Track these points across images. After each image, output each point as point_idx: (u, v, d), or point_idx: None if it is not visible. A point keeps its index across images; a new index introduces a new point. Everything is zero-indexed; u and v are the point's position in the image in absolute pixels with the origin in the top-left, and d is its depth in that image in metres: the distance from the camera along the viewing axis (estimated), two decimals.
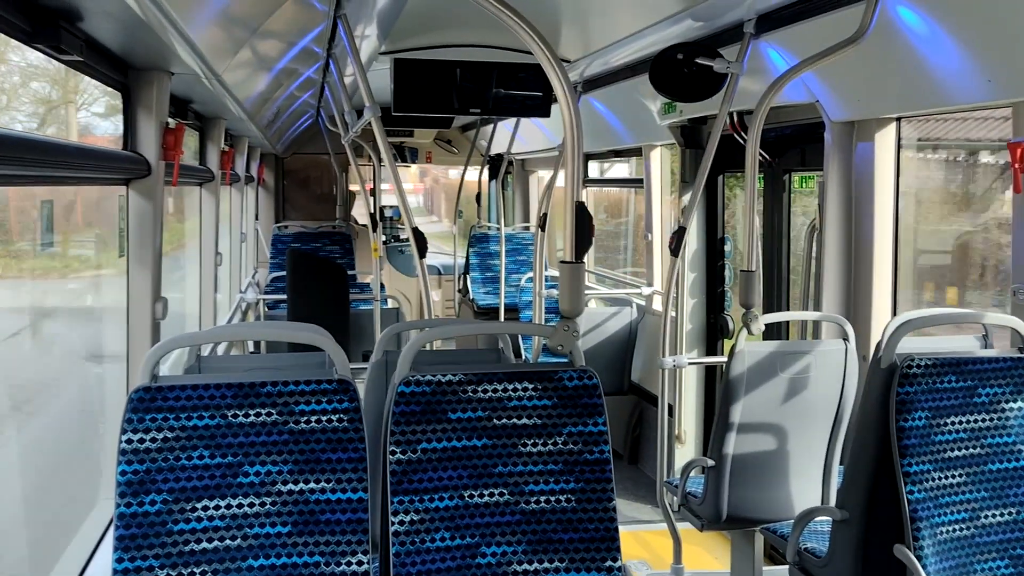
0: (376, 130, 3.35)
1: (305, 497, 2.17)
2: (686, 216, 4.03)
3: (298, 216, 9.85)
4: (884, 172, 3.86)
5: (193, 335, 2.89)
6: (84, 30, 2.40)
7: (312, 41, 4.01)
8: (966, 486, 2.59)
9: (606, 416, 2.36)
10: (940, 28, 2.97)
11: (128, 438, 2.08)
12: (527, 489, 2.31)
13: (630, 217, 9.49)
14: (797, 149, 4.80)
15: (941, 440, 2.59)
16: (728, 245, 5.71)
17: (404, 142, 10.30)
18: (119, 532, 2.06)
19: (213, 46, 2.85)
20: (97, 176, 2.96)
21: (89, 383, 4.03)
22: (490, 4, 2.21)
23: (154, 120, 3.03)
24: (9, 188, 2.90)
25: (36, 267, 3.47)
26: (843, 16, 3.19)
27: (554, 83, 2.25)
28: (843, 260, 4.03)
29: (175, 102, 3.95)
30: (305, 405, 2.19)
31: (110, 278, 3.79)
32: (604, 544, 2.33)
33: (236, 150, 6.63)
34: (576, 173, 2.28)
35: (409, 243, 3.47)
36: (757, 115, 3.61)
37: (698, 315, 5.72)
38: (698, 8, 3.56)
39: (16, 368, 3.26)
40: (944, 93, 3.14)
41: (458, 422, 2.29)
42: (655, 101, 5.35)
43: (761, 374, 3.48)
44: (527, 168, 10.40)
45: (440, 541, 2.25)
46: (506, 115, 6.02)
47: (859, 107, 3.71)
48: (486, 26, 4.46)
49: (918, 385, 2.57)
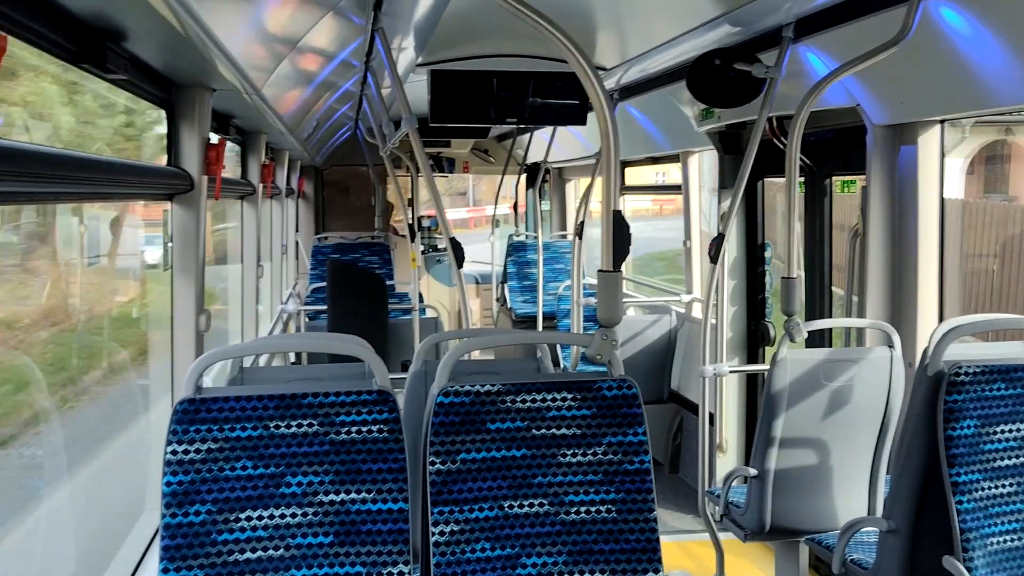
0: (413, 141, 3.38)
1: (346, 507, 2.19)
2: (725, 223, 4.00)
3: (338, 227, 9.94)
4: (928, 176, 3.79)
5: (236, 347, 2.92)
6: (129, 49, 2.45)
7: (350, 54, 4.05)
8: (1017, 496, 2.53)
9: (646, 426, 2.35)
10: (984, 28, 2.91)
11: (173, 449, 2.12)
12: (567, 500, 2.30)
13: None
14: (838, 153, 4.74)
15: (990, 449, 2.53)
16: (768, 251, 5.65)
17: (441, 152, 10.36)
18: (165, 542, 2.09)
19: (253, 62, 2.90)
20: (143, 192, 3.02)
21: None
22: (525, 14, 2.22)
23: (197, 136, 3.09)
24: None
25: None
26: (884, 18, 3.15)
27: (589, 91, 2.25)
28: (887, 266, 3.96)
29: (216, 117, 4.02)
30: (346, 416, 2.20)
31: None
32: (645, 555, 2.31)
33: (276, 163, 6.72)
34: (613, 181, 2.27)
35: (447, 252, 3.48)
36: (797, 120, 3.57)
37: (739, 322, 5.65)
38: (735, 13, 3.53)
39: None
40: (989, 94, 3.08)
41: (497, 432, 2.29)
42: (692, 107, 5.32)
43: (804, 382, 3.42)
44: (564, 176, 10.39)
45: (480, 552, 2.25)
46: (542, 124, 6.02)
47: (902, 110, 3.65)
48: (521, 36, 4.48)
49: (966, 393, 2.51)
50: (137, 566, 2.98)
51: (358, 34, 3.66)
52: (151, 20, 2.12)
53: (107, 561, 2.98)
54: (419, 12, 3.59)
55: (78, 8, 2.05)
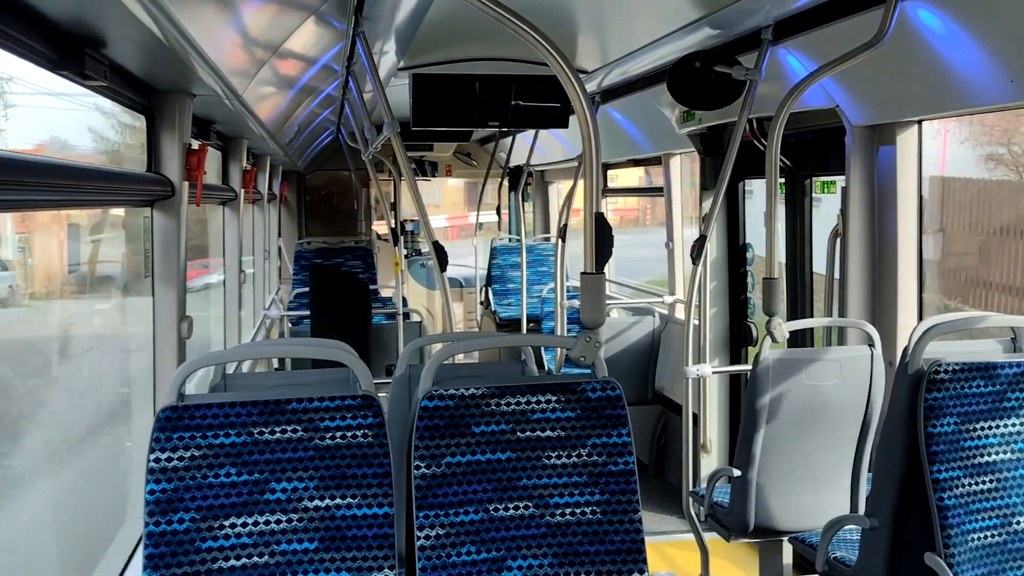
0: (395, 145, 3.38)
1: (331, 513, 2.18)
2: (707, 224, 4.02)
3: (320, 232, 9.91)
4: (907, 176, 3.83)
5: (218, 354, 2.91)
6: (108, 56, 2.44)
7: (331, 59, 4.05)
8: (997, 492, 2.56)
9: (630, 427, 2.35)
10: (961, 29, 2.95)
11: (156, 457, 2.10)
12: (552, 502, 2.31)
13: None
14: (818, 154, 4.78)
15: (970, 446, 2.55)
16: (750, 252, 5.68)
17: (424, 156, 10.35)
18: (148, 551, 2.08)
19: (234, 67, 2.89)
20: (122, 199, 3.00)
21: None
22: (506, 18, 2.22)
23: (177, 142, 3.07)
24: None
25: None
26: (861, 20, 3.18)
27: (571, 94, 2.26)
28: (867, 265, 3.99)
29: (197, 123, 4.01)
30: (330, 421, 2.20)
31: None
32: (630, 556, 2.31)
33: (258, 168, 6.69)
34: (595, 184, 2.28)
35: (430, 257, 3.49)
36: (777, 121, 3.59)
37: (721, 323, 5.69)
38: (715, 16, 3.56)
39: None
40: (967, 95, 3.12)
41: (482, 436, 2.29)
42: (673, 110, 5.35)
43: (786, 382, 3.45)
44: (547, 179, 10.41)
45: (466, 555, 2.25)
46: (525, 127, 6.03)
47: (880, 111, 3.69)
48: (503, 40, 4.49)
49: (946, 391, 2.54)
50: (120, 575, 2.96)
51: (339, 38, 3.66)
52: (130, 26, 2.11)
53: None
54: (400, 16, 3.59)
55: (56, 14, 2.04)
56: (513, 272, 9.22)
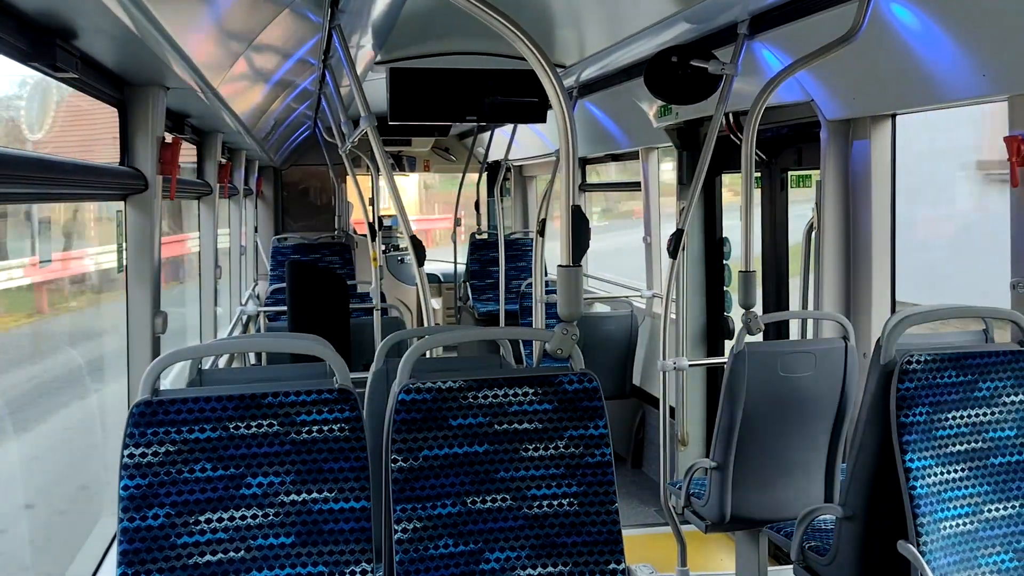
0: (373, 140, 3.37)
1: (308, 507, 2.17)
2: (684, 217, 4.04)
3: (297, 227, 9.85)
4: (881, 169, 3.87)
5: (194, 348, 2.89)
6: (80, 48, 2.41)
7: (307, 52, 4.02)
8: (968, 480, 2.59)
9: (607, 419, 2.37)
10: (934, 24, 2.98)
11: (130, 452, 2.09)
12: (529, 494, 2.32)
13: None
14: (794, 148, 4.81)
15: (942, 435, 2.59)
16: (727, 246, 5.72)
17: (402, 151, 10.31)
18: (123, 547, 2.06)
19: (208, 60, 2.87)
20: (95, 192, 2.97)
21: None
22: (483, 11, 2.22)
23: (150, 135, 3.04)
24: None
25: None
26: (836, 15, 3.21)
27: (548, 89, 2.26)
28: (842, 258, 4.03)
29: (171, 116, 3.97)
30: (306, 415, 2.19)
31: None
32: (608, 547, 2.33)
33: (234, 163, 6.64)
34: (572, 178, 2.29)
35: (408, 252, 3.48)
36: (752, 115, 3.62)
37: (700, 316, 5.72)
38: (691, 10, 3.57)
39: None
40: (939, 89, 3.15)
41: (459, 429, 2.29)
42: (651, 104, 5.37)
43: (762, 374, 3.48)
44: (525, 174, 10.41)
45: (443, 548, 2.25)
46: (502, 122, 6.03)
47: (854, 105, 3.72)
48: (481, 34, 4.48)
49: (918, 381, 2.57)
50: (95, 572, 2.93)
51: (315, 32, 3.64)
52: (103, 18, 2.09)
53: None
54: (377, 10, 3.58)
55: (28, 5, 2.01)
56: (492, 267, 9.21)
